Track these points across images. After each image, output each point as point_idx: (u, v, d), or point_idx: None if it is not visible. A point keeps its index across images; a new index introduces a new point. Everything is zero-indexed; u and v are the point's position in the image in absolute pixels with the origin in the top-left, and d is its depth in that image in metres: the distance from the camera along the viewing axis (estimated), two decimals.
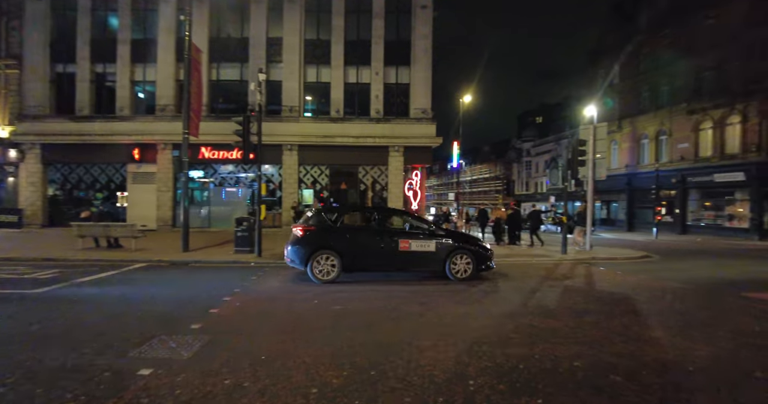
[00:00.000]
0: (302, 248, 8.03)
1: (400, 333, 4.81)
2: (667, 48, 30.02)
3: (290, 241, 8.28)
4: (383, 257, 8.25)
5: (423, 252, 8.28)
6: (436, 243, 8.33)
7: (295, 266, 8.23)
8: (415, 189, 20.56)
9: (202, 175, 19.65)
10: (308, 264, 7.93)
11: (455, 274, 8.27)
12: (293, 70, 18.82)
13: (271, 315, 5.66)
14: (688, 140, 28.04)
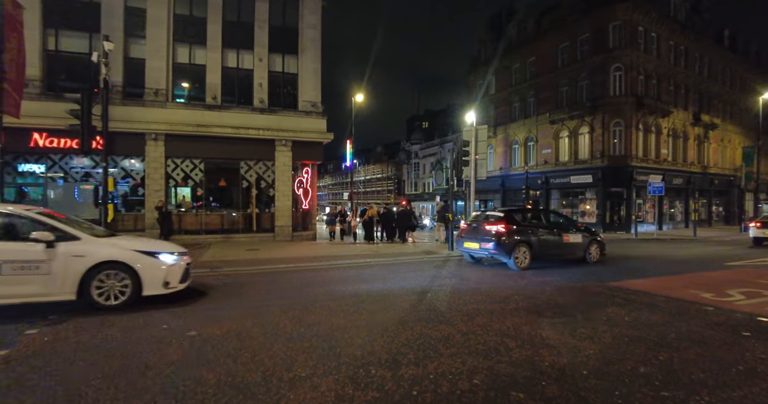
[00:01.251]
0: (507, 242, 9.62)
1: None
2: (533, 64, 33.75)
3: (488, 237, 9.81)
4: (555, 247, 10.29)
5: (576, 243, 10.53)
6: (582, 236, 10.69)
7: (498, 258, 9.92)
8: (306, 187, 19.38)
9: (44, 169, 15.74)
10: (511, 256, 9.58)
11: (591, 260, 10.73)
12: (159, 47, 16.10)
13: (99, 353, 4.18)
14: (550, 146, 31.78)
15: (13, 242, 5.50)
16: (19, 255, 5.38)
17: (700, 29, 32.15)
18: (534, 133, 33.15)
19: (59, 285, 5.55)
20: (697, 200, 31.91)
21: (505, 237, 9.63)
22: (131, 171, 16.49)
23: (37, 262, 5.42)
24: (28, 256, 5.40)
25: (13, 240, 5.53)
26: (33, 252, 5.43)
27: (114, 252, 5.92)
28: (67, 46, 15.66)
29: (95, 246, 5.89)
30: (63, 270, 5.54)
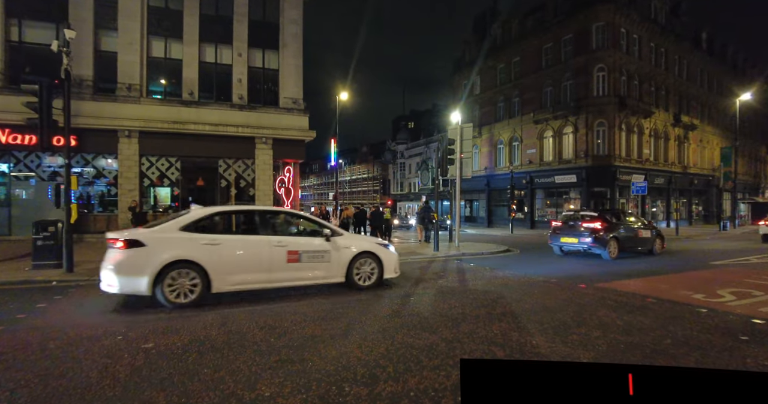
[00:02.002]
0: (603, 237, 11.40)
1: None
2: (518, 64, 33.82)
3: (587, 233, 11.59)
4: (633, 241, 12.26)
5: (646, 237, 12.68)
6: (650, 232, 12.85)
7: (594, 250, 11.64)
8: (288, 187, 18.84)
9: (8, 168, 14.88)
10: (606, 248, 11.39)
11: (657, 252, 12.86)
12: (132, 40, 15.39)
13: (35, 372, 3.69)
14: (535, 146, 31.83)
15: (306, 237, 6.97)
16: (312, 247, 6.76)
17: (680, 32, 32.67)
18: (519, 133, 33.18)
19: (335, 271, 6.88)
20: (678, 199, 32.41)
21: (601, 233, 11.53)
22: (105, 170, 15.75)
23: (322, 252, 6.80)
24: (317, 248, 6.80)
25: (305, 236, 7.06)
26: (319, 244, 6.83)
27: (366, 244, 7.34)
28: (31, 37, 14.85)
29: (352, 239, 7.42)
30: (337, 259, 6.88)
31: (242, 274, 6.18)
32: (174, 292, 5.77)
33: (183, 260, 5.80)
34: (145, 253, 5.71)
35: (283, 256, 6.43)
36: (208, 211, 6.49)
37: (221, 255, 6.04)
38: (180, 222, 6.15)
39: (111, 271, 5.67)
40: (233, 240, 6.34)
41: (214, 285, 5.95)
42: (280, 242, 6.49)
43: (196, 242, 5.99)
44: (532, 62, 32.19)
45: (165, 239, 5.94)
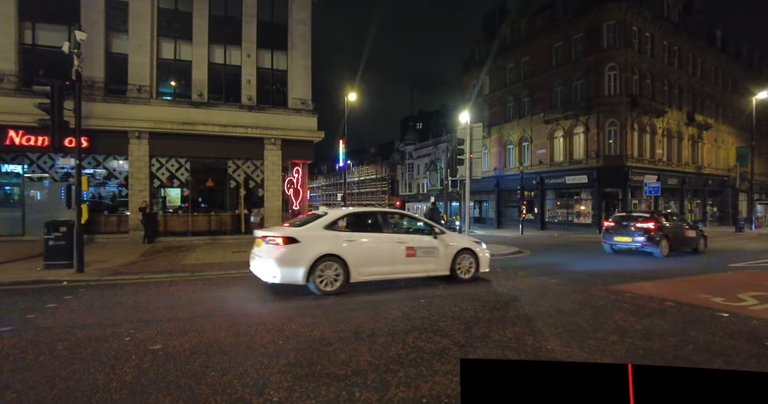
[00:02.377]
0: (655, 236, 12.31)
1: None
2: (528, 64, 33.51)
3: (641, 232, 12.46)
4: (681, 240, 13.11)
5: (692, 237, 13.58)
6: (695, 231, 13.81)
7: (647, 249, 12.46)
8: (296, 187, 18.84)
9: (22, 169, 15.08)
10: (658, 246, 12.25)
11: (702, 250, 13.73)
12: (143, 42, 15.48)
13: (43, 374, 3.65)
14: (545, 146, 31.49)
15: (420, 235, 7.84)
16: (425, 244, 7.65)
17: (693, 30, 32.11)
18: (528, 133, 32.85)
19: (442, 264, 7.76)
20: (692, 200, 31.82)
21: (654, 232, 12.40)
22: (116, 171, 15.89)
23: (433, 248, 7.69)
24: (429, 244, 7.68)
25: (418, 234, 7.92)
26: (430, 241, 7.73)
27: (466, 241, 8.28)
28: (45, 40, 15.01)
29: (455, 237, 8.28)
30: (444, 254, 7.75)
31: (373, 266, 7.15)
32: (323, 282, 6.72)
33: (329, 254, 6.73)
34: (300, 248, 6.63)
35: (403, 251, 7.39)
36: (344, 212, 7.59)
37: (357, 250, 7.02)
38: (323, 222, 7.11)
39: (274, 264, 6.54)
40: (365, 237, 7.31)
41: (352, 275, 6.90)
42: (400, 239, 7.50)
43: (338, 239, 6.97)
44: (542, 61, 31.86)
45: (314, 236, 6.86)
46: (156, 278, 8.60)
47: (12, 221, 15.15)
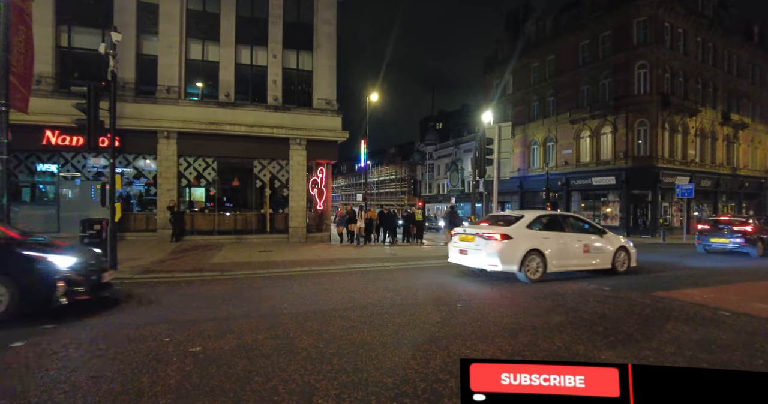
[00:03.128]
0: (752, 239, 13.49)
1: None
2: (553, 62, 32.80)
3: (738, 235, 13.63)
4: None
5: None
6: None
7: (743, 249, 13.64)
8: (320, 187, 18.83)
9: (57, 168, 15.51)
10: (755, 247, 13.49)
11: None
12: (172, 43, 15.73)
13: (87, 373, 3.62)
14: (571, 147, 30.76)
15: (590, 234, 9.12)
16: (595, 242, 9.03)
17: (729, 25, 30.84)
18: (554, 133, 32.16)
19: (606, 259, 9.09)
20: (726, 203, 30.56)
21: (751, 234, 13.62)
22: (144, 170, 16.18)
23: (601, 246, 9.04)
24: (598, 242, 9.05)
25: (588, 233, 9.13)
26: (597, 239, 9.08)
27: (621, 240, 9.57)
28: (80, 42, 15.40)
29: (612, 237, 9.44)
30: (607, 250, 9.12)
31: (563, 260, 8.50)
32: (529, 271, 8.07)
33: (534, 249, 8.11)
34: (514, 244, 8.02)
35: (581, 248, 8.77)
36: (537, 214, 8.99)
37: (551, 246, 8.36)
38: (524, 223, 8.45)
39: (496, 255, 7.98)
40: (555, 236, 8.57)
41: (548, 267, 8.23)
42: (579, 238, 8.84)
43: (537, 236, 8.35)
44: (567, 60, 31.14)
45: (522, 234, 8.22)
46: (186, 277, 8.65)
47: (48, 218, 15.58)
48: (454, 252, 8.96)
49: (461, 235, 8.88)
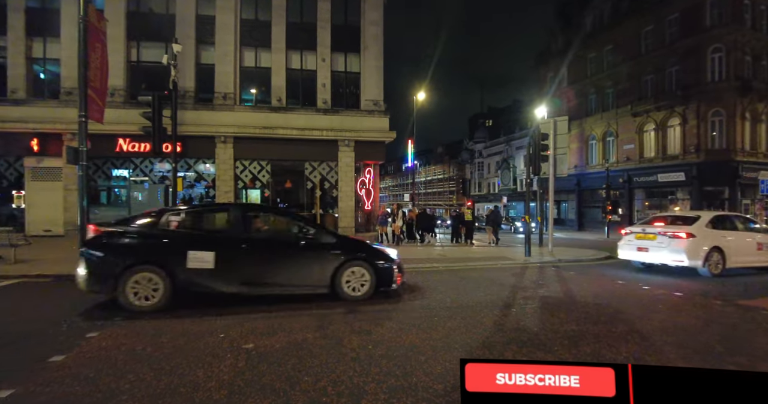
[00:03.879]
0: None
1: None
2: (611, 52, 30.80)
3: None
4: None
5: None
6: None
7: None
8: (368, 188, 19.00)
9: (128, 172, 16.88)
10: None
11: None
12: (227, 52, 16.57)
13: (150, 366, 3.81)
14: (633, 141, 28.74)
15: (758, 233, 9.57)
16: (764, 240, 9.45)
17: None
18: (614, 127, 30.21)
19: None
20: None
21: None
22: (204, 174, 17.15)
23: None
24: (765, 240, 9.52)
25: (757, 232, 9.62)
26: (762, 238, 9.49)
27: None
28: (147, 56, 16.63)
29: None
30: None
31: (740, 257, 9.05)
32: (711, 266, 8.70)
33: (715, 246, 8.73)
34: (698, 242, 8.73)
35: (755, 245, 9.30)
36: (713, 214, 9.61)
37: (729, 243, 8.93)
38: (703, 222, 9.06)
39: (682, 252, 8.67)
40: (732, 235, 9.15)
41: (727, 263, 8.85)
42: (752, 236, 9.37)
43: (717, 234, 8.95)
44: (628, 49, 29.11)
45: (704, 232, 8.87)
46: None
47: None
48: (629, 250, 9.68)
49: (638, 234, 9.56)
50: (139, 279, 5.48)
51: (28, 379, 3.40)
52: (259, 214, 7.18)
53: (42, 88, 16.79)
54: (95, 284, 5.57)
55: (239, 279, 5.82)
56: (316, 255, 6.18)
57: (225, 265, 5.67)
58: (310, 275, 6.12)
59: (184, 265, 5.54)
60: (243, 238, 5.99)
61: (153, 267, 5.52)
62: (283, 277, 5.98)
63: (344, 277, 6.13)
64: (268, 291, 5.98)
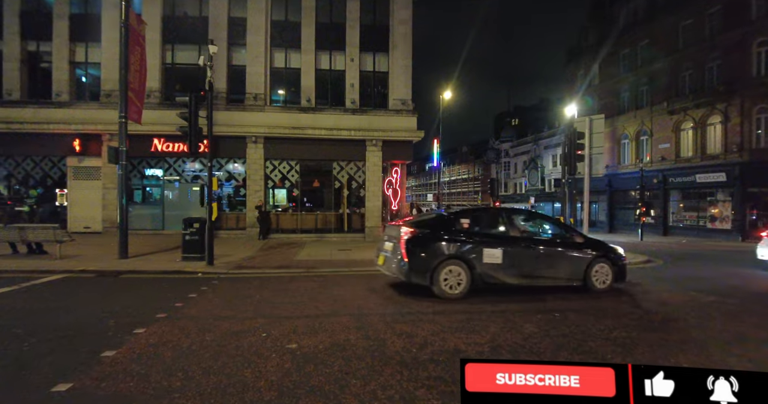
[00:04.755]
0: None
1: None
2: (647, 47, 29.67)
3: None
4: None
5: None
6: None
7: None
8: (395, 187, 18.95)
9: (163, 173, 17.39)
10: None
11: None
12: (258, 53, 16.79)
13: (198, 364, 3.86)
14: (669, 140, 27.59)
15: None
16: None
17: None
18: (648, 125, 29.06)
19: None
20: None
21: None
22: (234, 173, 17.46)
23: None
24: None
25: None
26: None
27: None
28: (180, 58, 17.06)
29: None
30: None
31: None
32: None
33: None
34: None
35: None
36: None
37: None
38: None
39: None
40: None
41: None
42: None
43: None
44: (664, 44, 27.92)
45: None
46: (275, 273, 9.09)
47: (154, 217, 17.47)
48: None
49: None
50: (448, 271, 6.41)
51: (84, 374, 3.49)
52: (527, 217, 8.56)
53: (83, 90, 17.46)
54: (415, 276, 6.46)
55: (520, 272, 6.74)
56: (574, 253, 7.17)
57: (509, 261, 6.62)
58: (570, 269, 7.06)
59: (480, 260, 6.49)
60: (520, 238, 7.05)
61: (458, 261, 6.46)
62: (551, 271, 6.96)
63: (593, 272, 7.07)
64: (540, 282, 6.95)
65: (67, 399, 3.07)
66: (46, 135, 16.30)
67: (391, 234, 7.02)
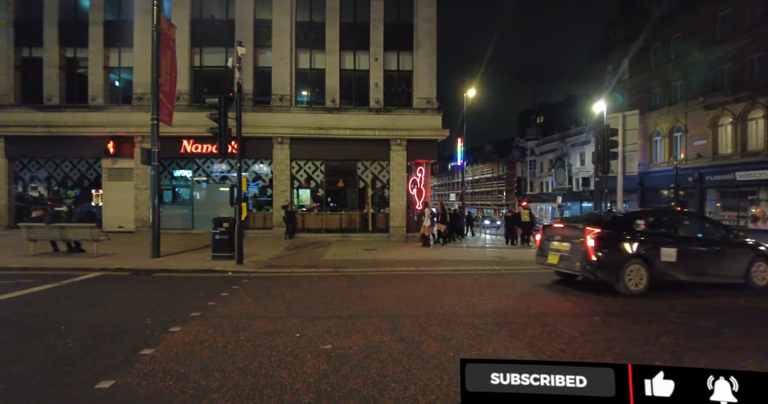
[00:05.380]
0: None
1: None
2: (681, 40, 28.48)
3: None
4: None
5: None
6: None
7: None
8: (419, 187, 18.78)
9: (191, 174, 17.80)
10: None
11: None
12: (284, 55, 16.95)
13: (234, 364, 3.86)
14: (705, 137, 26.40)
15: None
16: None
17: None
18: (682, 121, 27.91)
19: None
20: None
21: None
22: (260, 174, 17.70)
23: None
24: None
25: None
26: None
27: None
28: (208, 61, 17.40)
29: None
30: None
31: None
32: None
33: None
34: None
35: None
36: None
37: None
38: None
39: None
40: None
41: None
42: None
43: None
44: (700, 36, 26.72)
45: None
46: (304, 272, 9.12)
47: (184, 217, 17.89)
48: None
49: None
50: (631, 269, 6.79)
51: (125, 371, 3.54)
52: (693, 218, 9.01)
53: (117, 94, 18.03)
54: (603, 273, 6.89)
55: (691, 270, 7.07)
56: (736, 252, 7.53)
57: (681, 259, 6.96)
58: (733, 268, 7.40)
59: (658, 258, 6.86)
60: (690, 238, 7.48)
61: (639, 260, 6.84)
62: (717, 269, 7.32)
63: (753, 270, 7.41)
64: (706, 280, 7.24)
65: (110, 396, 3.10)
66: (82, 138, 16.91)
67: (566, 235, 7.46)
